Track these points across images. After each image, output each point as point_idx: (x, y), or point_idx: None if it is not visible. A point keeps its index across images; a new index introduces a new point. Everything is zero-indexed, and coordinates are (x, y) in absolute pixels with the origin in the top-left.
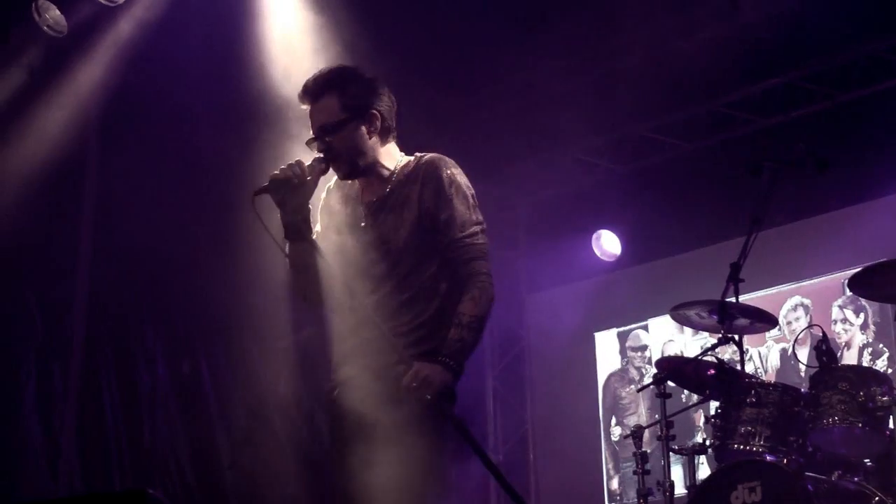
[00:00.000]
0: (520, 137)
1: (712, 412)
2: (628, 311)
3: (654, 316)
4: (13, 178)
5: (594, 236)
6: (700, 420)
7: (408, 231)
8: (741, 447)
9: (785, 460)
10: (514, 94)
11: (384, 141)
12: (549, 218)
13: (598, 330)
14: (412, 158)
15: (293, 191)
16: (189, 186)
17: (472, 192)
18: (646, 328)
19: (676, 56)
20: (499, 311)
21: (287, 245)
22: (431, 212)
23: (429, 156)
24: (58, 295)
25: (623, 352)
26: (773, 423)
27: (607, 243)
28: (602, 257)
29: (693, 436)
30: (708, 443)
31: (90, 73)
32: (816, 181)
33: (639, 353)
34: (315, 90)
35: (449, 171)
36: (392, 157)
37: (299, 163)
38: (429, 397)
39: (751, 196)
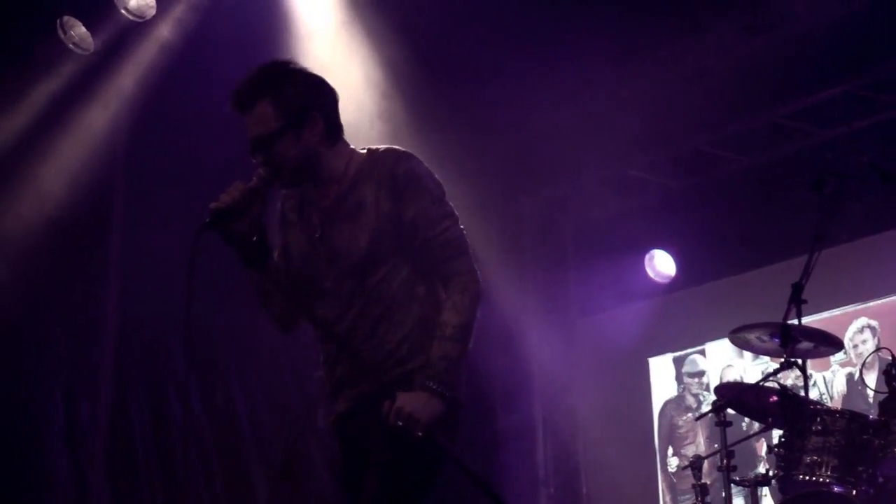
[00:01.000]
0: (568, 153)
1: (775, 441)
2: (684, 335)
3: (712, 340)
4: (41, 205)
5: (647, 256)
6: (762, 449)
7: (367, 239)
8: (807, 478)
9: (854, 491)
10: (561, 107)
11: (331, 142)
12: (600, 238)
13: (653, 355)
14: (364, 153)
15: (239, 218)
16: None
17: (436, 180)
18: (703, 353)
19: (732, 66)
20: (548, 336)
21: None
22: (392, 215)
23: (381, 150)
24: (85, 325)
25: (679, 378)
26: (841, 453)
27: (661, 264)
28: (656, 278)
29: (755, 466)
30: (771, 473)
31: (118, 93)
32: (882, 195)
33: (696, 380)
34: (245, 98)
35: (405, 166)
36: (342, 156)
37: (238, 185)
38: (420, 434)
39: (813, 212)
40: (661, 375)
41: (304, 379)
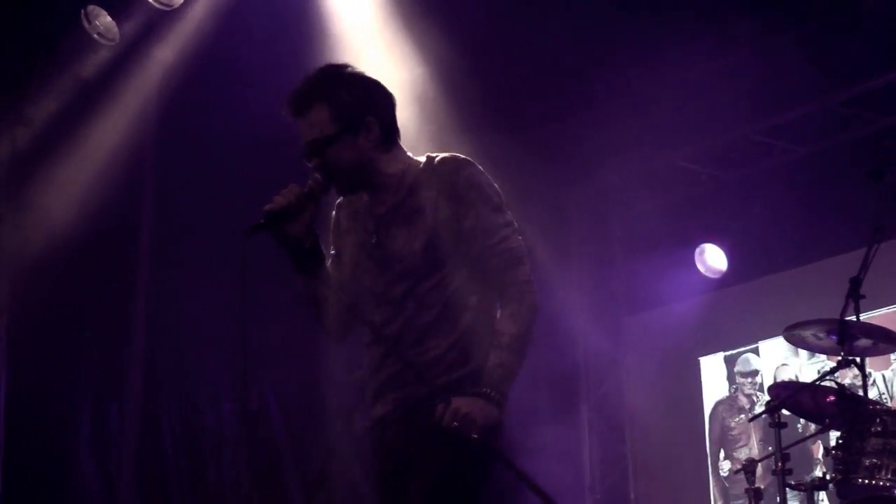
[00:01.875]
0: (613, 143)
1: (833, 443)
2: (736, 333)
3: (766, 338)
4: (66, 206)
5: (697, 251)
6: (819, 452)
7: (422, 244)
8: (866, 482)
9: None
10: (605, 97)
11: (387, 147)
12: (648, 232)
13: (704, 354)
14: (422, 160)
15: (292, 221)
16: (254, 208)
17: (496, 189)
18: (756, 351)
19: (785, 50)
20: (594, 336)
21: (299, 280)
22: (451, 221)
23: (441, 156)
24: (114, 327)
25: (731, 378)
26: None
27: (712, 258)
28: (706, 274)
29: (812, 470)
30: (829, 477)
31: (144, 86)
32: None
33: (749, 379)
34: (301, 102)
35: (466, 173)
36: (398, 161)
37: (293, 188)
38: (475, 436)
39: (872, 203)
40: (713, 375)
41: (341, 383)
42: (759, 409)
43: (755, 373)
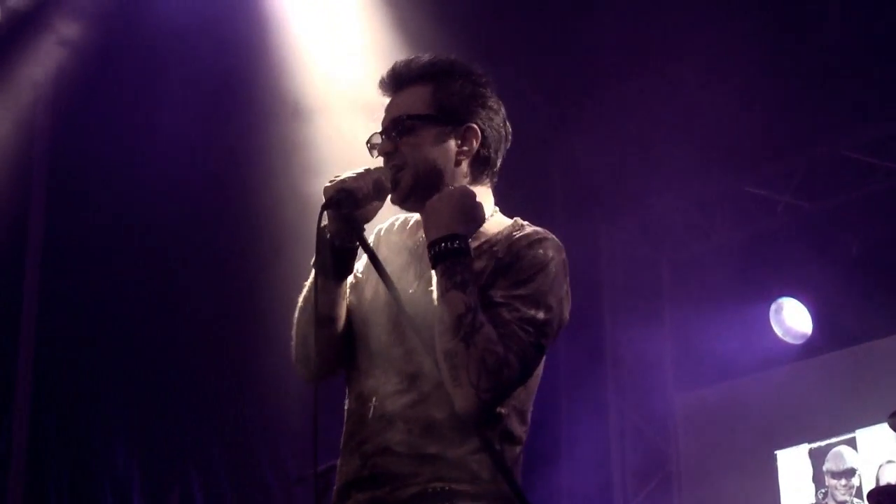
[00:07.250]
0: (665, 164)
1: None
2: (825, 419)
3: (865, 425)
4: None
5: (773, 307)
6: None
7: None
8: None
9: None
10: (657, 104)
11: (477, 175)
12: (707, 280)
13: (782, 446)
14: (509, 222)
15: (361, 208)
16: (176, 225)
17: (565, 290)
18: (852, 443)
19: (889, 40)
20: (638, 419)
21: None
22: (491, 278)
23: (533, 228)
24: None
25: (819, 478)
26: None
27: (792, 318)
28: (785, 338)
29: None
30: None
31: (31, 76)
32: None
33: (843, 481)
34: (406, 76)
35: (548, 253)
36: (484, 204)
37: (373, 172)
38: None
39: None
40: (794, 474)
41: (285, 468)
42: None
43: (851, 472)
